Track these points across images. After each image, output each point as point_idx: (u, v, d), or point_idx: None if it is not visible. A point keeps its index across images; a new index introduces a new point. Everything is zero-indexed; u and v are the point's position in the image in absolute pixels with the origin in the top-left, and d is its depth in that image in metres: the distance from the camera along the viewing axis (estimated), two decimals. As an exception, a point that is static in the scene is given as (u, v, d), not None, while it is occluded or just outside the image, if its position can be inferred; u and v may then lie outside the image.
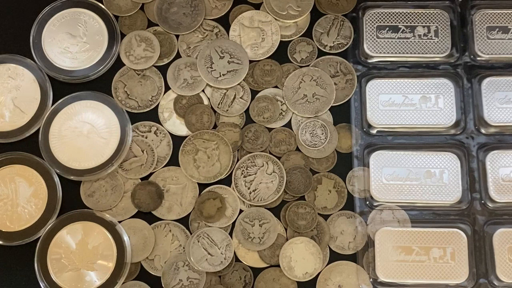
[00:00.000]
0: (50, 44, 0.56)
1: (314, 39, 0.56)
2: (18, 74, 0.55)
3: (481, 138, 0.54)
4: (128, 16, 0.57)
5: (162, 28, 0.57)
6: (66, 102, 0.54)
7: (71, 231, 0.51)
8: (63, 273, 0.51)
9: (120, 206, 0.53)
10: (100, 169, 0.52)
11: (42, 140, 0.53)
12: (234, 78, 0.55)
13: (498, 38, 0.56)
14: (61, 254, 0.51)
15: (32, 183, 0.53)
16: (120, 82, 0.56)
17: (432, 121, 0.54)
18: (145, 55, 0.56)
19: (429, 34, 0.56)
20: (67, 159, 0.53)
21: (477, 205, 0.52)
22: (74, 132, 0.53)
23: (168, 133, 0.55)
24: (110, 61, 0.55)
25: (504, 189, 0.52)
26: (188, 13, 0.57)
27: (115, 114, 0.54)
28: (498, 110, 0.54)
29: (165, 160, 0.54)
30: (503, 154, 0.53)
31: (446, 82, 0.55)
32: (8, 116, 0.54)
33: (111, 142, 0.53)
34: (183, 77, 0.56)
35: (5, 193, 0.52)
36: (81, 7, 0.56)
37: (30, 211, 0.52)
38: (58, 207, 0.52)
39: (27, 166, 0.53)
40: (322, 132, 0.54)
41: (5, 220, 0.52)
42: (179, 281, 0.51)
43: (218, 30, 0.57)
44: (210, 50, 0.56)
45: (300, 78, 0.55)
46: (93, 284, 0.50)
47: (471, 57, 0.56)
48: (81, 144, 0.53)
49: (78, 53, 0.55)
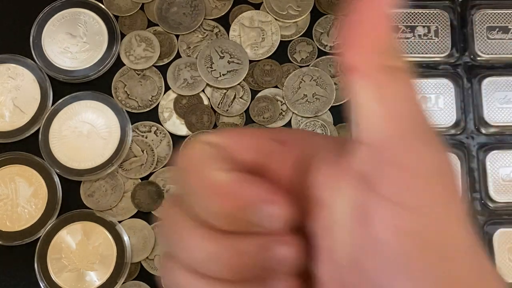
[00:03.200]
0: (50, 44, 0.55)
1: (314, 39, 0.56)
2: (18, 74, 0.55)
3: (481, 138, 0.54)
4: (128, 16, 0.57)
5: (162, 28, 0.57)
6: (66, 102, 0.54)
7: (71, 231, 0.51)
8: (63, 273, 0.51)
9: (120, 206, 0.53)
10: (100, 169, 0.52)
11: (42, 140, 0.53)
12: (234, 78, 0.55)
13: (498, 38, 0.56)
14: (61, 254, 0.51)
15: (32, 183, 0.52)
16: (120, 82, 0.56)
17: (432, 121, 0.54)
18: (145, 55, 0.56)
19: (429, 34, 0.56)
20: (67, 159, 0.53)
21: (477, 205, 0.52)
22: (74, 132, 0.53)
23: (168, 133, 0.55)
24: (110, 61, 0.55)
25: (504, 189, 0.52)
26: (188, 13, 0.57)
27: (115, 114, 0.54)
28: (498, 110, 0.54)
29: (165, 160, 0.54)
30: (503, 154, 0.53)
31: (446, 82, 0.55)
32: (8, 116, 0.54)
33: (111, 142, 0.53)
34: (183, 77, 0.55)
35: (5, 193, 0.52)
36: (81, 7, 0.56)
37: (30, 211, 0.52)
38: (58, 207, 0.52)
39: (27, 166, 0.53)
40: (322, 132, 0.54)
41: (5, 220, 0.52)
42: (179, 281, 0.51)
43: (218, 30, 0.57)
44: (210, 50, 0.56)
45: (300, 78, 0.55)
46: (93, 284, 0.50)
47: (471, 57, 0.55)
48: (81, 144, 0.53)
49: (78, 53, 0.55)
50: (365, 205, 0.22)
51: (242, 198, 0.23)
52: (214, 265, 0.23)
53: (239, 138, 0.25)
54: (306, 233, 0.24)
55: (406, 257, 0.21)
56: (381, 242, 0.21)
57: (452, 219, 0.22)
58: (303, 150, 0.25)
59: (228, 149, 0.24)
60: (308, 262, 0.24)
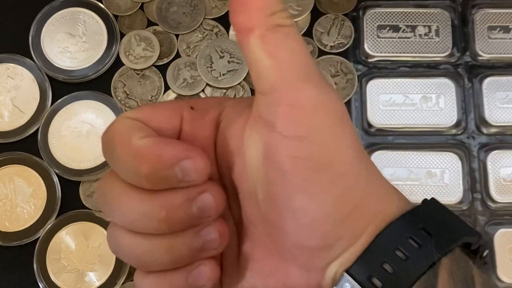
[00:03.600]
0: (49, 44, 0.55)
1: (315, 38, 0.56)
2: (17, 73, 0.55)
3: (482, 138, 0.54)
4: (127, 15, 0.57)
5: (162, 27, 0.56)
6: (66, 102, 0.54)
7: (70, 232, 0.51)
8: (62, 274, 0.50)
9: (119, 206, 0.53)
10: (100, 169, 0.52)
11: (41, 140, 0.53)
12: (234, 78, 0.55)
13: (499, 37, 0.56)
14: (60, 255, 0.51)
15: (31, 183, 0.52)
16: (120, 82, 0.55)
17: (433, 121, 0.54)
18: (145, 54, 0.56)
19: (430, 33, 0.56)
20: (66, 159, 0.53)
21: (478, 205, 0.52)
22: (73, 132, 0.53)
23: (168, 133, 0.54)
24: (110, 61, 0.55)
25: (505, 189, 0.52)
26: (188, 13, 0.57)
27: (115, 114, 0.54)
28: (499, 110, 0.54)
29: (165, 160, 0.54)
30: (504, 154, 0.53)
31: (447, 82, 0.55)
32: (7, 116, 0.54)
33: (111, 142, 0.53)
34: (183, 77, 0.55)
35: (4, 193, 0.52)
36: (81, 6, 0.56)
37: (29, 212, 0.52)
38: (57, 208, 0.52)
39: (26, 166, 0.53)
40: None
41: (4, 221, 0.52)
42: (178, 281, 0.51)
43: (218, 29, 0.57)
44: (210, 49, 0.55)
45: (300, 78, 0.55)
46: (93, 284, 0.50)
47: (472, 56, 0.55)
48: (80, 144, 0.53)
49: (78, 52, 0.55)
50: (271, 144, 0.25)
51: (162, 158, 0.25)
52: (147, 222, 0.26)
53: (156, 110, 0.28)
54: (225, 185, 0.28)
55: (305, 180, 0.25)
56: (285, 171, 0.25)
57: (338, 142, 0.25)
58: (218, 113, 0.28)
59: (145, 120, 0.27)
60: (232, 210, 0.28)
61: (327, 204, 0.25)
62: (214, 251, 0.27)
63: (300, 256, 0.26)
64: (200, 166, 0.26)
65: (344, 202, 0.25)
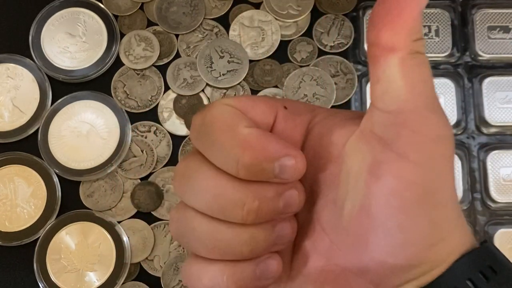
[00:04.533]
0: (49, 44, 0.55)
1: (315, 38, 0.56)
2: (17, 74, 0.55)
3: (482, 138, 0.54)
4: (127, 15, 0.57)
5: (162, 27, 0.56)
6: (65, 102, 0.54)
7: (70, 232, 0.51)
8: (62, 274, 0.51)
9: (119, 206, 0.53)
10: (100, 169, 0.52)
11: (41, 140, 0.53)
12: (234, 78, 0.55)
13: (499, 37, 0.56)
14: (60, 255, 0.51)
15: (31, 183, 0.52)
16: (120, 82, 0.55)
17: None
18: (145, 54, 0.56)
19: (429, 33, 0.56)
20: (66, 159, 0.53)
21: (478, 205, 0.52)
22: (73, 132, 0.53)
23: (168, 133, 0.54)
24: (110, 61, 0.55)
25: (505, 189, 0.52)
26: (188, 13, 0.57)
27: (115, 114, 0.54)
28: (499, 110, 0.54)
29: (165, 160, 0.54)
30: (504, 154, 0.53)
31: (447, 82, 0.55)
32: (7, 116, 0.54)
33: (111, 142, 0.53)
34: (183, 77, 0.55)
35: (4, 193, 0.52)
36: (81, 6, 0.56)
37: (29, 212, 0.52)
38: (57, 208, 0.52)
39: (26, 166, 0.53)
40: (323, 132, 0.53)
41: (4, 221, 0.52)
42: (179, 281, 0.51)
43: (218, 29, 0.57)
44: (210, 49, 0.55)
45: (300, 78, 0.55)
46: (93, 284, 0.50)
47: (472, 56, 0.55)
48: (80, 144, 0.53)
49: (77, 52, 0.55)
50: (382, 161, 0.26)
51: (266, 150, 0.26)
52: (236, 210, 0.26)
53: (255, 103, 0.28)
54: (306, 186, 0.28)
55: (409, 201, 0.26)
56: (391, 189, 0.26)
57: (446, 174, 0.27)
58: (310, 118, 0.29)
59: (245, 111, 0.27)
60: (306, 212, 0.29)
61: (425, 228, 0.26)
62: (282, 246, 0.28)
63: (376, 272, 0.27)
64: (299, 166, 0.26)
65: (440, 229, 0.26)
